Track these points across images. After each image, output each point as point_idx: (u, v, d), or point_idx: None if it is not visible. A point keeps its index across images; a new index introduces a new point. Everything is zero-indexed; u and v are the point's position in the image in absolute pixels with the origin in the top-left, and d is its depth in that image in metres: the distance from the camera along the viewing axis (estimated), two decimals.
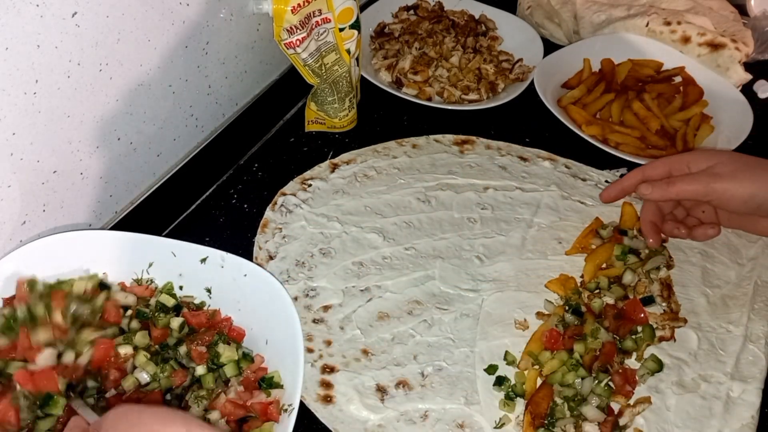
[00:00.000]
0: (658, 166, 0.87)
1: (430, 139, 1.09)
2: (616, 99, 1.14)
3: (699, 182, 0.82)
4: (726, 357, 0.82)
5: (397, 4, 1.34)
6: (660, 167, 0.87)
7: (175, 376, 0.71)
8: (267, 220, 0.95)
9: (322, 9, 0.95)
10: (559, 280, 0.88)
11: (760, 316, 0.87)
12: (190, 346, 0.74)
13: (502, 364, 0.80)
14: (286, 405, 0.70)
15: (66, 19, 0.71)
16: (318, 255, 0.91)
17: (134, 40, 0.82)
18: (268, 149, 1.08)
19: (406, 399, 0.77)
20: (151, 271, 0.81)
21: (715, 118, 1.14)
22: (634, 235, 0.93)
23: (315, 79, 1.00)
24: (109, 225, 0.90)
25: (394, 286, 0.88)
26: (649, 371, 0.79)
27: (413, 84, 1.18)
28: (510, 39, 1.30)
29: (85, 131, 0.81)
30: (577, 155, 1.07)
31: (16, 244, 0.78)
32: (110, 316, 0.75)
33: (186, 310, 0.78)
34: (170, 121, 0.94)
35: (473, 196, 1.00)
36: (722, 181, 0.81)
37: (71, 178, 0.82)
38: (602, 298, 0.85)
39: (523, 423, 0.75)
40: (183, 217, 0.97)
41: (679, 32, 1.23)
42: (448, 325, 0.84)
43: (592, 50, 1.22)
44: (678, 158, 0.87)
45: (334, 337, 0.82)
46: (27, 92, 0.71)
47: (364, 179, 1.01)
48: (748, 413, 0.77)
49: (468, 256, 0.92)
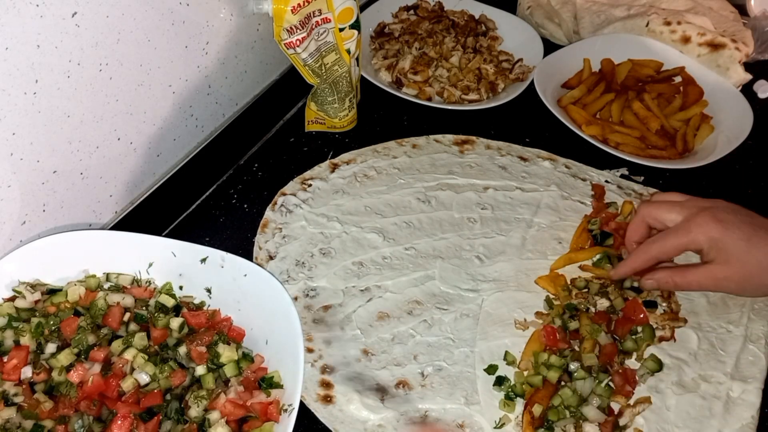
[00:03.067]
0: (669, 247, 0.78)
1: (430, 139, 1.09)
2: (616, 99, 1.14)
3: (706, 279, 0.77)
4: (726, 357, 0.82)
5: (397, 4, 1.34)
6: (671, 249, 0.79)
7: (174, 377, 0.71)
8: (267, 220, 0.95)
9: (322, 9, 0.95)
10: (549, 277, 0.89)
11: (760, 316, 0.87)
12: (190, 347, 0.74)
13: (502, 364, 0.80)
14: (286, 405, 0.70)
15: (66, 19, 0.71)
16: (318, 255, 0.91)
17: (134, 40, 0.82)
18: (268, 149, 1.08)
19: (406, 399, 0.77)
20: (151, 271, 0.81)
21: (715, 118, 1.14)
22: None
23: (315, 79, 1.00)
24: (109, 225, 0.90)
25: (394, 286, 0.88)
26: (649, 371, 0.79)
27: (413, 84, 1.18)
28: (510, 39, 1.30)
29: (85, 131, 0.81)
30: (577, 155, 1.07)
31: (16, 244, 0.78)
32: (109, 319, 0.75)
33: (186, 310, 0.78)
34: (170, 121, 0.94)
35: (473, 196, 1.00)
36: (730, 278, 0.74)
37: (71, 178, 0.82)
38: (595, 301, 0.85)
39: (523, 423, 0.75)
40: (183, 217, 0.97)
41: (679, 32, 1.23)
42: (448, 325, 0.84)
43: (592, 50, 1.22)
44: (686, 243, 0.77)
45: (334, 337, 0.82)
46: (27, 92, 0.71)
47: (364, 179, 1.01)
48: (748, 413, 0.77)
49: (468, 256, 0.92)
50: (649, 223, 0.78)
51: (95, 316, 0.75)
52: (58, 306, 0.75)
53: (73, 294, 0.76)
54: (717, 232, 0.70)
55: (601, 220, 0.94)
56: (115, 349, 0.72)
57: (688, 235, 0.72)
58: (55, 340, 0.73)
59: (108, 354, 0.72)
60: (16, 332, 0.72)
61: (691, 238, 0.72)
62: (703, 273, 0.73)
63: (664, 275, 0.77)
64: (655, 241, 0.76)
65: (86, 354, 0.72)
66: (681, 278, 0.76)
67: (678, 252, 0.77)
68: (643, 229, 0.78)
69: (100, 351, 0.71)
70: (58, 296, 0.76)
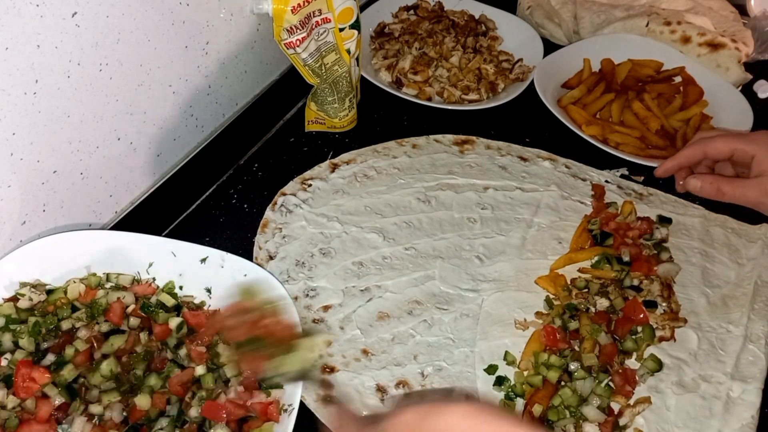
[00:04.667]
0: (721, 146, 0.79)
1: (430, 139, 1.09)
2: (616, 99, 1.14)
3: (750, 193, 0.77)
4: (726, 357, 0.82)
5: (397, 4, 1.34)
6: (723, 148, 0.79)
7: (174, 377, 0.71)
8: (267, 220, 0.95)
9: (322, 9, 0.95)
10: (549, 277, 0.89)
11: (760, 316, 0.87)
12: (190, 346, 0.74)
13: (502, 364, 0.80)
14: (286, 405, 0.70)
15: (66, 19, 0.71)
16: (318, 255, 0.91)
17: (134, 40, 0.82)
18: (268, 149, 1.08)
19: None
20: (151, 271, 0.81)
21: (715, 118, 1.14)
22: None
23: (315, 79, 1.00)
24: (109, 225, 0.90)
25: (394, 286, 0.88)
26: (649, 371, 0.79)
27: (413, 84, 1.18)
28: (510, 39, 1.30)
29: (85, 131, 0.81)
30: (577, 155, 1.07)
31: (16, 244, 0.78)
32: (110, 314, 0.75)
33: (186, 309, 0.78)
34: (170, 121, 0.94)
35: (473, 196, 1.00)
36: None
37: (71, 178, 0.82)
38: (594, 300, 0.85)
39: None
40: (183, 217, 0.97)
41: (679, 32, 1.23)
42: (448, 325, 0.84)
43: (592, 50, 1.22)
44: (743, 147, 0.78)
45: (334, 337, 0.82)
46: (27, 92, 0.71)
47: (364, 179, 1.01)
48: (748, 413, 0.77)
49: (468, 256, 0.92)
50: (705, 150, 0.78)
51: (96, 313, 0.75)
52: (55, 304, 0.75)
53: (72, 291, 0.76)
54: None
55: (601, 220, 0.94)
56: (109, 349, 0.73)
57: (744, 139, 0.72)
58: (52, 339, 0.73)
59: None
60: (14, 334, 0.72)
61: (746, 141, 0.71)
62: (753, 185, 0.72)
63: (711, 179, 0.76)
64: (708, 138, 0.75)
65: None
66: (728, 187, 0.75)
67: (729, 152, 0.76)
68: (699, 156, 0.77)
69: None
70: (56, 293, 0.76)
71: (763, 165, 0.76)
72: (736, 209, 1.00)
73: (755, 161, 0.78)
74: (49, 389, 0.69)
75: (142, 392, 0.70)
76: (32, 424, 0.67)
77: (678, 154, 0.85)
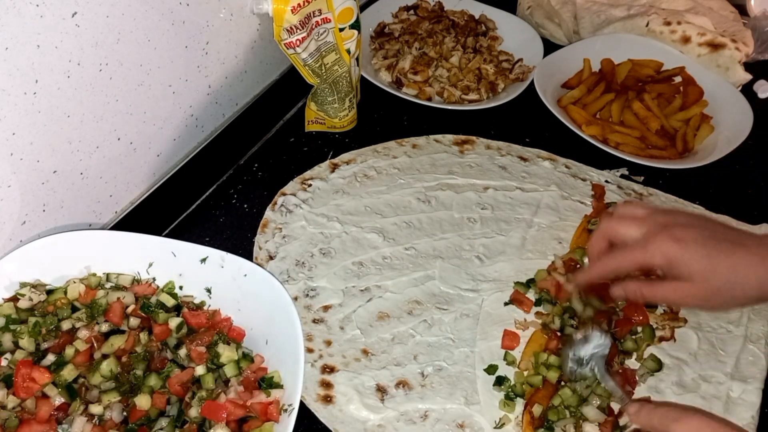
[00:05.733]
0: (627, 267, 0.75)
1: (430, 139, 1.09)
2: (616, 99, 1.14)
3: (672, 294, 0.73)
4: (726, 357, 0.82)
5: (397, 4, 1.34)
6: (628, 267, 0.75)
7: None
8: (267, 220, 0.95)
9: (322, 9, 0.95)
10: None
11: (760, 316, 0.87)
12: (190, 347, 0.74)
13: (502, 364, 0.80)
14: (286, 405, 0.70)
15: (66, 19, 0.71)
16: (318, 255, 0.91)
17: (134, 40, 0.82)
18: (268, 149, 1.08)
19: (406, 399, 0.77)
20: (151, 271, 0.81)
21: (715, 118, 1.14)
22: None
23: (315, 79, 1.00)
24: (109, 225, 0.90)
25: (394, 286, 0.88)
26: (649, 371, 0.79)
27: (413, 84, 1.18)
28: (510, 39, 1.30)
29: (85, 131, 0.81)
30: (577, 155, 1.07)
31: (16, 244, 0.78)
32: (110, 314, 0.75)
33: (186, 309, 0.78)
34: (170, 121, 0.94)
35: (473, 196, 1.00)
36: (695, 295, 0.70)
37: (71, 178, 0.82)
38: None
39: (523, 423, 0.75)
40: (183, 217, 0.97)
41: (679, 32, 1.23)
42: (448, 325, 0.84)
43: (592, 50, 1.22)
44: (641, 260, 0.73)
45: (334, 337, 0.82)
46: (27, 92, 0.71)
47: (364, 179, 1.01)
48: (748, 413, 0.77)
49: (468, 256, 0.92)
50: (609, 237, 0.77)
51: (96, 313, 0.75)
52: (55, 304, 0.75)
53: (72, 291, 0.76)
54: (675, 251, 0.70)
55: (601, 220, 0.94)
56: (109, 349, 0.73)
57: (645, 254, 0.72)
58: (52, 339, 0.73)
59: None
60: (15, 334, 0.72)
61: (647, 257, 0.71)
62: (669, 288, 0.72)
63: (633, 286, 0.76)
64: (613, 257, 0.75)
65: None
66: (648, 291, 0.75)
67: (634, 268, 0.76)
68: (604, 243, 0.77)
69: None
70: (56, 293, 0.76)
71: (672, 273, 0.73)
72: (736, 209, 1.00)
73: (664, 273, 0.74)
74: (49, 389, 0.69)
75: (142, 392, 0.70)
76: (32, 424, 0.67)
77: (588, 270, 0.80)
